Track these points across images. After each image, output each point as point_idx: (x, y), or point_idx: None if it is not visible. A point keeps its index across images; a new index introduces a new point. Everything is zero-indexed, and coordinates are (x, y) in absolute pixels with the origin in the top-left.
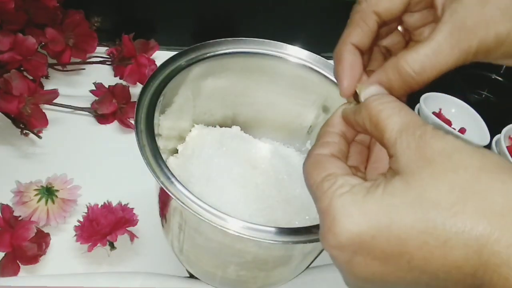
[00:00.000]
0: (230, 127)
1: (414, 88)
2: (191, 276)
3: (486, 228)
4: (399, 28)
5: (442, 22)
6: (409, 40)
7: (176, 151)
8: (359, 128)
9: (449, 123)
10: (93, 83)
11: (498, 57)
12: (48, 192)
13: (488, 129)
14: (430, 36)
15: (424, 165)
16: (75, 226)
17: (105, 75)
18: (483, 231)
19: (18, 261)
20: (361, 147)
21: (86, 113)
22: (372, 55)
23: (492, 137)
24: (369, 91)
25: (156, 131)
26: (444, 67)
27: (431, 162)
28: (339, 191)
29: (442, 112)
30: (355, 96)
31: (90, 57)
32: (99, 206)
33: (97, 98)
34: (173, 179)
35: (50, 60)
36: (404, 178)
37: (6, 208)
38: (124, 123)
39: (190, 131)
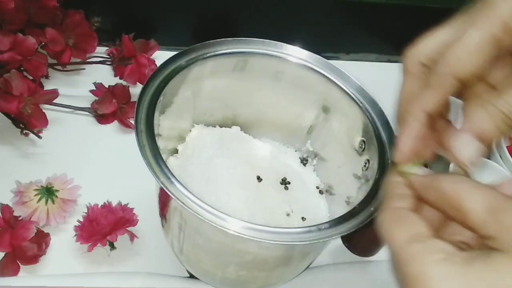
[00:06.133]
0: (230, 127)
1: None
2: (191, 276)
3: None
4: None
5: None
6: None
7: (176, 151)
8: (429, 203)
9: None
10: (93, 83)
11: None
12: (48, 192)
13: None
14: None
15: None
16: (75, 226)
17: (105, 75)
18: None
19: (18, 261)
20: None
21: (86, 113)
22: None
23: None
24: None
25: (156, 131)
26: None
27: None
28: (433, 257)
29: None
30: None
31: (90, 57)
32: (99, 206)
33: (97, 98)
34: (173, 179)
35: (50, 60)
36: (509, 255)
37: (6, 208)
38: (124, 123)
39: (190, 131)
